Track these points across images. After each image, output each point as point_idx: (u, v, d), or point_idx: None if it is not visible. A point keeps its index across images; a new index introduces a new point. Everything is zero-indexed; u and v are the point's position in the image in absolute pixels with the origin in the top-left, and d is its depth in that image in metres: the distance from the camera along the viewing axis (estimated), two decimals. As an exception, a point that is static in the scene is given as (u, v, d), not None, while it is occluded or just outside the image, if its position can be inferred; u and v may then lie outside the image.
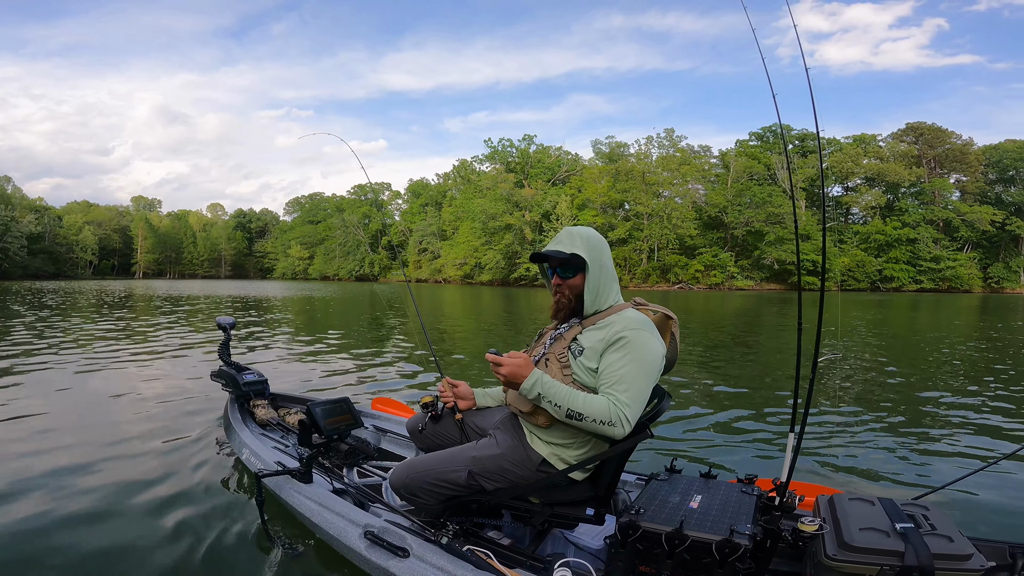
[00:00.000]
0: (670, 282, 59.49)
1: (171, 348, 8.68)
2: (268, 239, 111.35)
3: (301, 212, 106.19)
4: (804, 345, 2.16)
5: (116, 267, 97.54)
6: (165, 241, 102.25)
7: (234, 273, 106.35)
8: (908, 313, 21.95)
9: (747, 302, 29.43)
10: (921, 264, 59.12)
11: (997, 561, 1.87)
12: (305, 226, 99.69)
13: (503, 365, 1.88)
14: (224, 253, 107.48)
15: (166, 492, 3.05)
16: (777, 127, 68.31)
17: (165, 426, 4.33)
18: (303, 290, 39.18)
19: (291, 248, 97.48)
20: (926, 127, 65.64)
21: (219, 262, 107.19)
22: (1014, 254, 61.57)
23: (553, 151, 75.66)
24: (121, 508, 2.86)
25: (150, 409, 4.87)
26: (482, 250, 66.96)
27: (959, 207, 60.79)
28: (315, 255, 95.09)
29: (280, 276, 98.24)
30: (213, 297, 25.94)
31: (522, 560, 2.02)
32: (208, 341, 9.51)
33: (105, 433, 4.13)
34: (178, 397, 5.33)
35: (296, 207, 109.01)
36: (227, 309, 17.78)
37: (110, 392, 5.56)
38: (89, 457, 3.58)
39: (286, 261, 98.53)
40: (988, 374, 7.35)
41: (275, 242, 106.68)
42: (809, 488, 2.38)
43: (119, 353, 8.03)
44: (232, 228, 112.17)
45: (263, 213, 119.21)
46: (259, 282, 69.97)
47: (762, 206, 59.75)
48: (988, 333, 13.34)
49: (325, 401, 2.63)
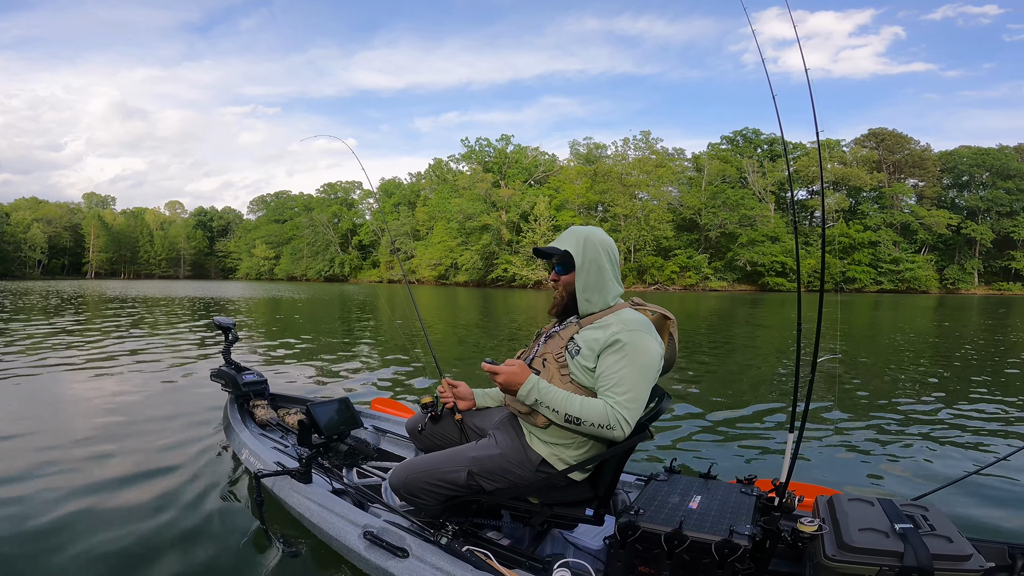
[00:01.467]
0: (646, 283, 60.11)
1: (157, 349, 8.45)
2: (231, 238, 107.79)
3: (266, 210, 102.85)
4: (802, 346, 2.19)
5: (66, 267, 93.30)
6: (119, 240, 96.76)
7: (194, 273, 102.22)
8: (888, 313, 22.62)
9: (722, 303, 29.93)
10: (882, 266, 61.15)
11: (996, 562, 1.88)
12: (271, 225, 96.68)
13: (499, 374, 1.90)
14: (183, 252, 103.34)
15: (165, 492, 3.01)
16: (748, 131, 70.01)
17: (163, 427, 4.25)
18: (273, 291, 38.03)
19: (256, 247, 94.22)
20: (887, 133, 67.84)
21: (178, 262, 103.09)
22: (968, 256, 64.17)
23: (530, 151, 75.47)
24: (120, 509, 2.81)
25: (145, 410, 4.77)
26: (458, 250, 66.40)
27: (918, 211, 63.06)
28: (281, 255, 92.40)
29: (244, 276, 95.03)
30: (149, 300, 25.07)
31: (521, 560, 2.01)
32: (198, 343, 9.31)
33: (98, 435, 4.03)
34: (175, 398, 5.23)
35: (261, 205, 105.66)
36: (185, 314, 17.26)
37: (99, 394, 5.40)
38: (83, 459, 3.51)
39: (250, 261, 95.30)
40: (984, 374, 7.48)
41: (238, 241, 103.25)
42: (808, 489, 2.40)
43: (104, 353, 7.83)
44: (192, 226, 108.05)
45: (225, 211, 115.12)
46: (221, 283, 67.70)
47: (736, 208, 60.94)
48: (974, 333, 13.71)
49: (325, 401, 2.61)
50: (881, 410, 5.35)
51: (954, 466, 3.77)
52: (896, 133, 67.57)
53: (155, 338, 9.91)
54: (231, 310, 18.78)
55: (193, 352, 8.30)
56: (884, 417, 5.07)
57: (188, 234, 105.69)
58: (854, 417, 5.04)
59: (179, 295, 27.95)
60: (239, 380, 3.61)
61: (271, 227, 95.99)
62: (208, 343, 9.29)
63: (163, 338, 9.94)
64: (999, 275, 64.22)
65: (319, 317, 16.49)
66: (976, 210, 64.25)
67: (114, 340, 9.39)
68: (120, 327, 11.72)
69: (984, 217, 64.15)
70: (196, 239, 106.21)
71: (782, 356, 9.15)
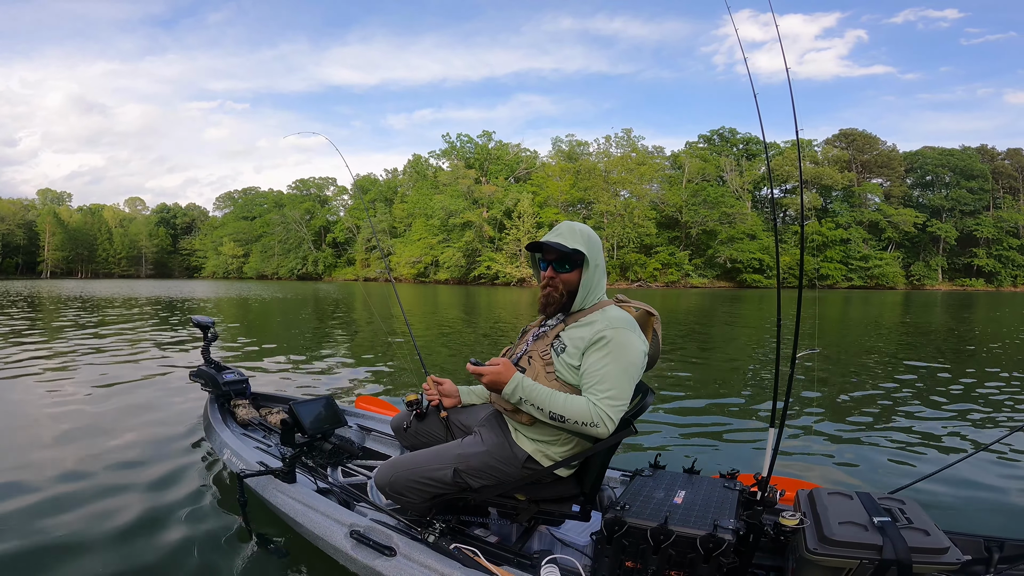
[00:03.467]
0: (629, 280, 60.60)
1: (128, 350, 8.22)
2: (196, 236, 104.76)
3: (234, 207, 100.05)
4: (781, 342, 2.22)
5: (20, 265, 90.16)
6: (76, 237, 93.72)
7: (156, 272, 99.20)
8: (859, 309, 23.07)
9: (703, 300, 30.29)
10: (852, 263, 62.76)
11: (973, 554, 1.92)
12: (239, 222, 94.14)
13: (484, 374, 1.89)
14: (145, 251, 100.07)
15: (143, 495, 2.96)
16: (725, 130, 70.92)
17: (140, 429, 4.16)
18: (243, 290, 36.87)
19: (223, 245, 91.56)
20: (857, 133, 69.56)
21: (139, 260, 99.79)
22: (933, 253, 66.26)
23: (512, 148, 75.21)
24: (97, 512, 2.75)
25: (124, 413, 4.66)
26: (439, 248, 65.83)
27: (886, 210, 64.77)
28: (251, 252, 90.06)
29: (210, 275, 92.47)
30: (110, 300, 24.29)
31: (509, 557, 2.02)
32: (183, 340, 9.13)
33: (70, 438, 3.94)
34: (154, 399, 5.12)
35: (228, 202, 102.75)
36: (149, 317, 16.83)
37: (66, 397, 5.23)
38: (56, 462, 3.43)
39: (217, 259, 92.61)
40: (960, 366, 7.66)
41: (204, 239, 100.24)
42: (789, 483, 2.43)
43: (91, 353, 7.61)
44: (154, 224, 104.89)
45: (190, 208, 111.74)
46: (186, 282, 65.71)
47: (716, 206, 61.77)
48: (950, 326, 14.08)
49: (308, 400, 2.57)
50: (858, 404, 5.47)
51: (930, 459, 3.86)
52: (866, 134, 69.43)
53: (124, 338, 9.63)
54: (207, 310, 18.38)
55: (169, 352, 8.12)
56: (861, 411, 5.19)
57: (150, 232, 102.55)
58: (832, 411, 5.15)
59: (141, 295, 26.58)
60: (219, 379, 3.55)
61: (239, 224, 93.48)
62: (186, 342, 9.11)
63: (134, 339, 9.68)
64: (961, 272, 66.44)
65: (297, 315, 16.25)
66: (941, 209, 66.28)
67: (77, 341, 9.09)
68: (83, 327, 11.37)
69: (948, 216, 66.22)
70: (158, 237, 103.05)
71: (762, 352, 9.29)
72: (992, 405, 5.48)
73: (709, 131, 73.03)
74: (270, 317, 15.54)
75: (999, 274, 64.29)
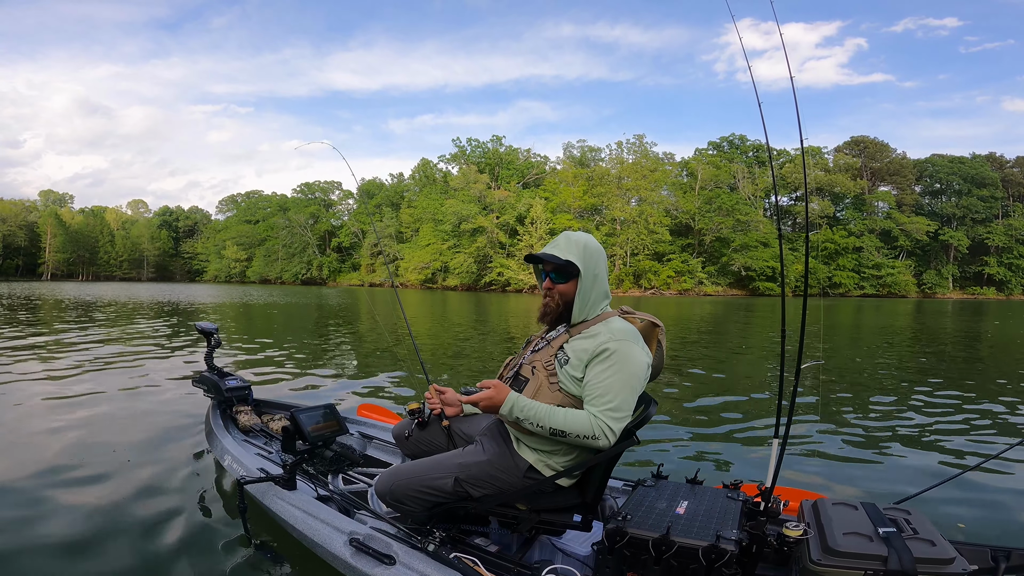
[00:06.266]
0: (643, 288, 60.39)
1: (140, 354, 8.28)
2: (198, 239, 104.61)
3: (237, 211, 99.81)
4: (786, 351, 2.21)
5: (20, 267, 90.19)
6: (77, 239, 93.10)
7: (158, 275, 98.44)
8: (870, 317, 22.94)
9: (716, 308, 30.10)
10: (864, 271, 62.31)
11: (979, 565, 1.88)
12: (242, 225, 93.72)
13: (478, 402, 1.90)
14: (147, 253, 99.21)
15: (146, 500, 2.97)
16: (735, 137, 70.86)
17: (142, 434, 4.17)
18: (247, 294, 36.51)
19: (226, 249, 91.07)
20: (868, 141, 69.31)
21: (141, 263, 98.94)
22: (944, 262, 65.77)
23: (522, 153, 75.18)
24: (98, 518, 2.76)
25: (127, 416, 4.69)
26: (448, 253, 65.61)
27: (898, 217, 64.35)
28: (254, 256, 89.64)
29: (212, 279, 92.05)
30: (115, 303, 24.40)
31: (509, 567, 2.00)
32: (184, 346, 9.15)
33: (73, 444, 3.94)
34: (156, 404, 5.13)
35: (231, 205, 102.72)
36: (151, 320, 16.92)
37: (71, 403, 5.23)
38: (58, 469, 3.43)
39: (220, 263, 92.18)
40: (965, 379, 7.56)
41: (206, 242, 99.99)
42: (793, 493, 2.40)
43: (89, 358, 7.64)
44: (156, 226, 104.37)
45: (192, 211, 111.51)
46: (188, 285, 65.54)
47: (730, 213, 61.53)
48: (961, 336, 13.91)
49: (310, 407, 2.57)
50: (864, 414, 5.41)
51: (936, 470, 3.82)
52: (877, 141, 69.12)
53: (126, 343, 9.64)
54: (211, 316, 18.44)
55: (172, 357, 8.14)
56: (866, 421, 5.13)
57: (152, 234, 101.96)
58: (837, 421, 5.09)
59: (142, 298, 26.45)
60: (222, 385, 3.55)
61: (242, 228, 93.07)
62: (188, 348, 9.14)
63: (136, 343, 9.70)
64: (972, 280, 65.89)
65: (301, 321, 16.27)
66: (952, 217, 65.84)
67: (78, 346, 9.09)
68: (85, 331, 11.39)
69: (959, 224, 65.75)
70: (160, 239, 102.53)
71: (768, 361, 9.22)
72: (999, 415, 5.42)
73: (719, 138, 72.99)
74: (273, 322, 15.59)
75: (1010, 282, 63.79)
